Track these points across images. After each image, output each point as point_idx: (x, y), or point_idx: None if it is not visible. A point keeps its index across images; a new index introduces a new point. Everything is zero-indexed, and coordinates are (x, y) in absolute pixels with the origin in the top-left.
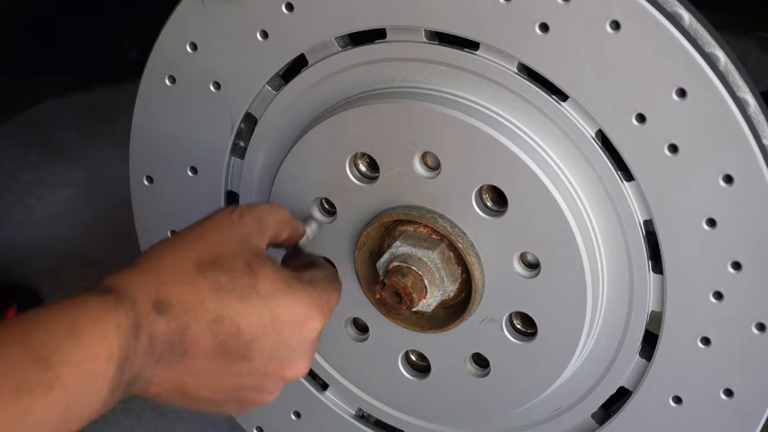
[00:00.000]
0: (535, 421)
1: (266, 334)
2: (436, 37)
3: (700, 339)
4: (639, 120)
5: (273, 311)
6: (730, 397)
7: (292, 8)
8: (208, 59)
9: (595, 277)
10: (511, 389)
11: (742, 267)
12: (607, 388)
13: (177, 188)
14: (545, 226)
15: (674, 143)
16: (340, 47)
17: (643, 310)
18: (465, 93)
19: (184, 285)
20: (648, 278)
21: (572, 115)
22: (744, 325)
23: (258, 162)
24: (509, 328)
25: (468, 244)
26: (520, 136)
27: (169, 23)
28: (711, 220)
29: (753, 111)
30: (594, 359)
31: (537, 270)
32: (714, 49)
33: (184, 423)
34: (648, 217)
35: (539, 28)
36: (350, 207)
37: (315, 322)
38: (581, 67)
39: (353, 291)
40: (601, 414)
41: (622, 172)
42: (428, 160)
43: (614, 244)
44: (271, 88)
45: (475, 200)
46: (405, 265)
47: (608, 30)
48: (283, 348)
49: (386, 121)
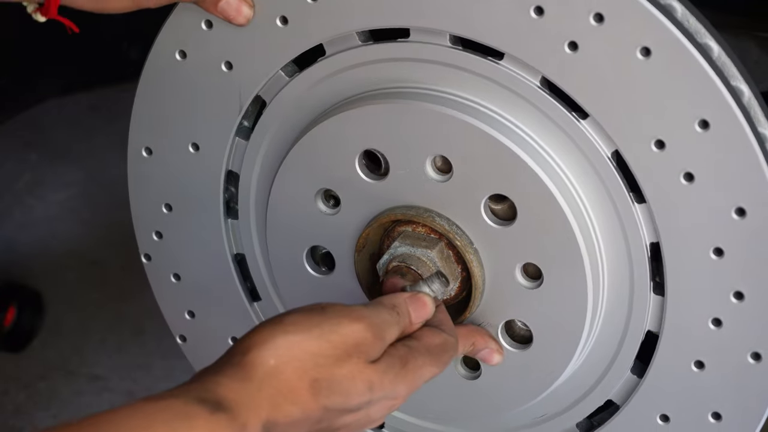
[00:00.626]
0: (517, 426)
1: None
2: (461, 43)
3: (695, 362)
4: (658, 146)
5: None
6: (718, 421)
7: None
8: (223, 39)
9: (596, 294)
10: (500, 395)
11: (745, 297)
12: (595, 400)
13: (176, 163)
14: (552, 240)
15: (691, 172)
16: (361, 41)
17: (639, 329)
18: (483, 101)
19: (296, 406)
20: (648, 299)
21: (590, 133)
22: (740, 353)
23: (263, 145)
24: (504, 335)
25: (466, 241)
26: (535, 149)
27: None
28: (719, 249)
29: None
30: (585, 372)
31: (539, 281)
32: (739, 83)
33: None
34: (655, 239)
35: (568, 46)
36: (356, 202)
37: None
38: (606, 89)
39: (355, 293)
40: (586, 424)
41: (634, 194)
42: (440, 163)
43: (618, 264)
44: (284, 73)
45: (484, 208)
46: (404, 265)
47: (638, 56)
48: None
49: (401, 120)
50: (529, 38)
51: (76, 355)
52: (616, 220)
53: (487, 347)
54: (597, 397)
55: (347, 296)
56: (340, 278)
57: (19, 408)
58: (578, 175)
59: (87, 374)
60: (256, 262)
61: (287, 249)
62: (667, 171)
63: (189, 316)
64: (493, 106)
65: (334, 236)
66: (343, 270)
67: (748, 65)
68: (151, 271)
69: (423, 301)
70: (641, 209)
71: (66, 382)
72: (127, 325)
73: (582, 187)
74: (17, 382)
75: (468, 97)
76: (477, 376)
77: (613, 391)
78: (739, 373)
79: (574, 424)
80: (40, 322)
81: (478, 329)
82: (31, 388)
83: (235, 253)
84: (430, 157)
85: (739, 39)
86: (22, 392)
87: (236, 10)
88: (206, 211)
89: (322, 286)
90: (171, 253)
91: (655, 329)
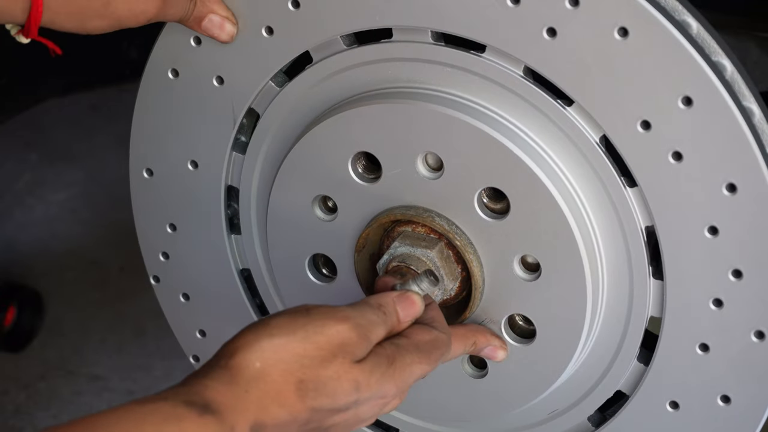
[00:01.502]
0: (530, 423)
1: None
2: (443, 39)
3: (699, 345)
4: (644, 127)
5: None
6: (727, 404)
7: (299, 5)
8: (212, 53)
9: (596, 282)
10: (508, 391)
11: (743, 275)
12: (604, 392)
13: (177, 182)
14: (547, 230)
15: (678, 151)
16: (346, 45)
17: (642, 315)
18: (470, 95)
19: (283, 408)
20: (648, 284)
21: (577, 120)
22: (743, 332)
23: (259, 158)
24: (508, 331)
25: (466, 241)
26: (524, 140)
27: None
28: (713, 228)
29: (758, 120)
30: (592, 363)
31: (537, 273)
32: (720, 58)
33: None
34: (650, 223)
35: (547, 33)
36: (352, 206)
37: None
38: (587, 73)
39: (357, 294)
40: (598, 417)
41: (625, 178)
42: (431, 161)
43: (615, 249)
44: (274, 84)
45: (477, 202)
46: (404, 265)
47: (616, 37)
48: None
49: (389, 121)
50: (508, 28)
51: (76, 355)
52: (609, 205)
53: (490, 344)
54: (606, 388)
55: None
56: (343, 283)
57: (19, 408)
58: (568, 163)
59: (87, 374)
60: (262, 276)
61: (289, 259)
62: (656, 152)
63: (200, 335)
64: (479, 99)
65: (334, 242)
66: (345, 275)
67: (748, 65)
68: (160, 292)
69: (411, 299)
70: (633, 193)
71: (66, 382)
72: (127, 325)
73: (572, 174)
74: (17, 382)
75: (454, 93)
76: (484, 375)
77: (621, 381)
78: (745, 353)
79: (585, 417)
80: (40, 322)
81: (479, 327)
82: (31, 388)
83: (241, 268)
84: (421, 155)
85: (739, 39)
86: (22, 392)
87: (220, 27)
88: (210, 229)
89: (326, 292)
90: (178, 273)
91: (658, 314)
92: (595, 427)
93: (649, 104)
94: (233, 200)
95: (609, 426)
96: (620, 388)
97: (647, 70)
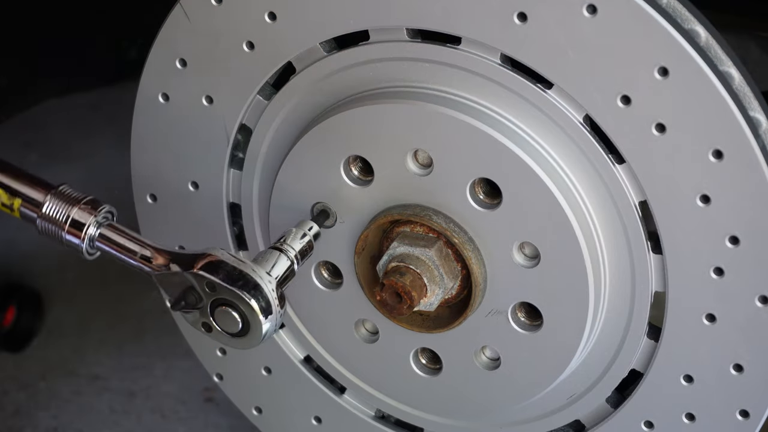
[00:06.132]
0: (551, 410)
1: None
2: (419, 35)
3: (705, 316)
4: (624, 102)
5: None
6: (740, 372)
7: (275, 17)
8: (199, 74)
9: (595, 262)
10: (524, 379)
11: (740, 241)
12: (618, 372)
13: (180, 204)
14: (541, 215)
15: (661, 122)
16: (326, 52)
17: (646, 291)
18: (451, 88)
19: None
20: (648, 259)
21: (558, 102)
22: (747, 299)
23: (256, 172)
24: (516, 319)
25: (464, 239)
26: (509, 127)
27: (158, 41)
28: (705, 196)
29: (738, 84)
30: (603, 343)
31: (537, 259)
32: (694, 25)
33: (184, 423)
34: (642, 198)
35: (517, 18)
36: (349, 210)
37: None
38: (562, 54)
39: (360, 296)
40: (616, 398)
41: (612, 155)
42: (421, 157)
43: (611, 228)
44: (262, 97)
45: (470, 194)
46: (403, 265)
47: (585, 14)
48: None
49: (375, 122)
50: (479, 17)
51: (76, 355)
52: (601, 184)
53: None
54: (620, 367)
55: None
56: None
57: (19, 408)
58: (554, 145)
59: (87, 374)
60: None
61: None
62: (639, 125)
63: (221, 353)
64: (460, 91)
65: (336, 248)
66: (350, 280)
67: (748, 65)
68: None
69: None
70: (623, 169)
71: (66, 382)
72: (127, 325)
73: (560, 156)
74: (17, 382)
75: (435, 87)
76: (497, 366)
77: (634, 360)
78: (751, 320)
79: (604, 399)
80: (40, 322)
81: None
82: (31, 388)
83: None
84: (410, 152)
85: (740, 39)
86: (22, 392)
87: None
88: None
89: (334, 297)
90: None
91: (661, 288)
92: (614, 408)
93: (627, 78)
94: (238, 217)
95: (627, 406)
96: (634, 367)
97: (620, 45)
